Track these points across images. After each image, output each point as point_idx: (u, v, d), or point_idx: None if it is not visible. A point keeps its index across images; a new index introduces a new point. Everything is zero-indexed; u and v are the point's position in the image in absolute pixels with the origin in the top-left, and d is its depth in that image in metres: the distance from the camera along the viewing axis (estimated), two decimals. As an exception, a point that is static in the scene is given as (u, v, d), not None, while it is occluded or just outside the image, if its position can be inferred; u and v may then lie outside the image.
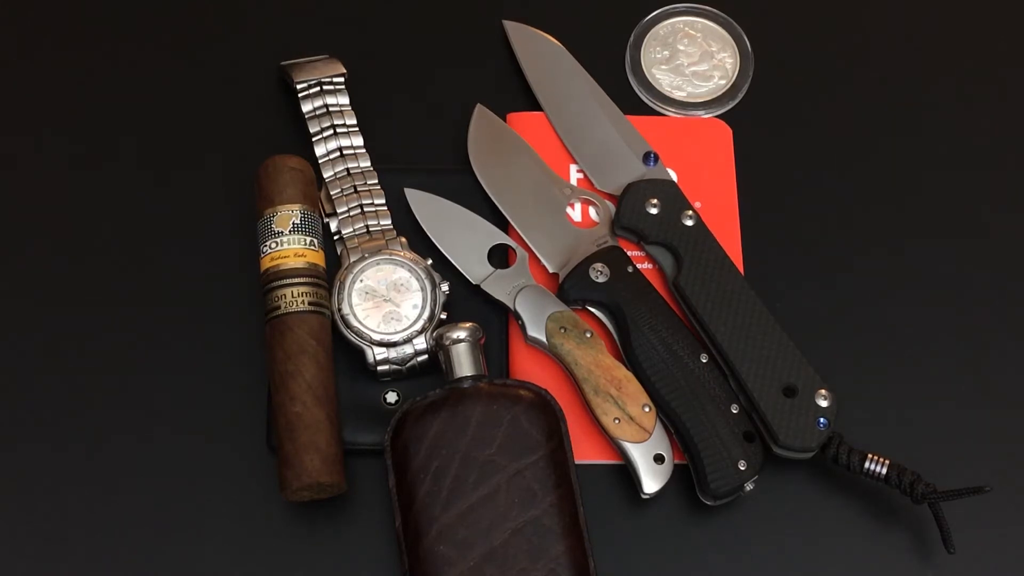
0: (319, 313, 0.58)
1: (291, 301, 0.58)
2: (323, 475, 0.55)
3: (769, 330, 0.60)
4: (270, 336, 0.58)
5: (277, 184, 0.60)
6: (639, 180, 0.63)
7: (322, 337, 0.58)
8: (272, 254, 0.59)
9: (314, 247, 0.60)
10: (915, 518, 0.58)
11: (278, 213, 0.59)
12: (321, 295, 0.59)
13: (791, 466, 0.59)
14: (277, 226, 0.59)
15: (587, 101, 0.67)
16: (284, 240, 0.59)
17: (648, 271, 0.63)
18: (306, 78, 0.64)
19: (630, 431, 0.58)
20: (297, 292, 0.58)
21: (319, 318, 0.58)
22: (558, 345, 0.59)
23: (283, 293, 0.58)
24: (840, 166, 0.67)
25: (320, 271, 0.60)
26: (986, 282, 0.65)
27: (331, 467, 0.55)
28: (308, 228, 0.60)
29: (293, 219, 0.59)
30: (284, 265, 0.59)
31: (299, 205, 0.60)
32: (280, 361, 0.57)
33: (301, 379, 0.56)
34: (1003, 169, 0.68)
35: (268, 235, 0.59)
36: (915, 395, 0.62)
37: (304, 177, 0.61)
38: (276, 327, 0.58)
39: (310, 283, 0.59)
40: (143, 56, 0.69)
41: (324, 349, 0.58)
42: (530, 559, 0.53)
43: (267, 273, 0.59)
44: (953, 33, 0.72)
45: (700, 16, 0.71)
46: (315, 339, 0.58)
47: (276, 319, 0.58)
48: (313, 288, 0.59)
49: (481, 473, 0.55)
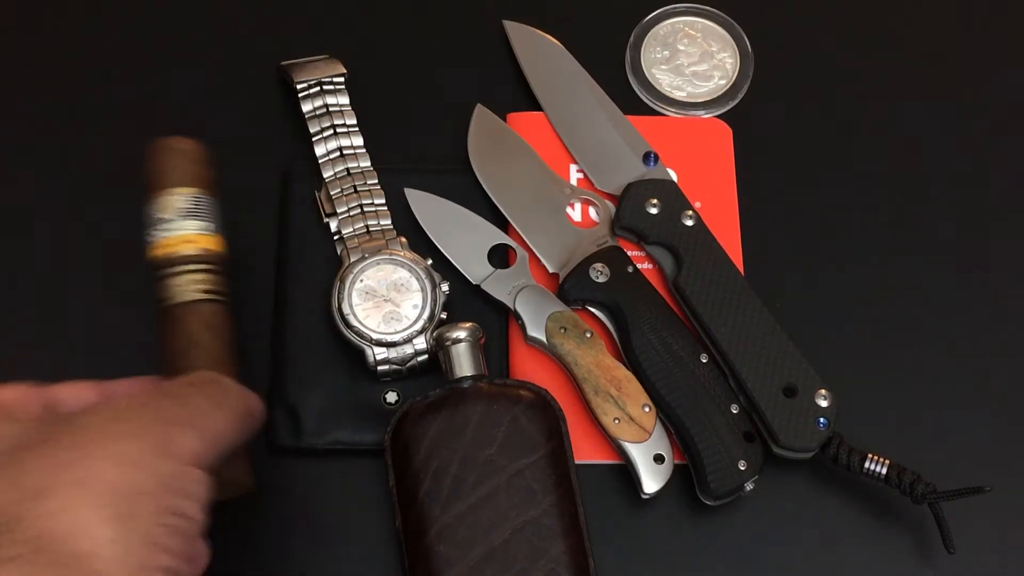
0: (213, 302, 0.54)
1: (182, 290, 0.54)
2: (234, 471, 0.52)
3: (769, 330, 0.60)
4: (160, 327, 0.54)
5: (162, 168, 0.56)
6: (639, 180, 0.63)
7: (217, 328, 0.54)
8: (160, 242, 0.55)
9: (207, 232, 0.55)
10: (915, 518, 0.59)
11: (163, 198, 0.55)
12: (217, 282, 0.55)
13: (791, 466, 0.59)
14: (162, 212, 0.55)
15: (587, 101, 0.67)
16: (171, 226, 0.55)
17: (648, 271, 0.63)
18: (306, 78, 0.64)
19: (630, 431, 0.58)
20: (186, 280, 0.54)
21: (212, 306, 0.54)
22: (558, 345, 0.59)
23: (171, 283, 0.54)
24: (840, 166, 0.67)
25: (215, 256, 0.55)
26: (986, 282, 0.65)
27: (231, 463, 0.51)
28: (198, 212, 0.55)
29: (179, 204, 0.55)
30: (172, 252, 0.54)
31: (186, 189, 0.55)
32: (171, 354, 0.53)
33: None
34: (1004, 169, 0.68)
35: (154, 221, 0.55)
36: (915, 395, 0.62)
37: (191, 158, 0.57)
38: (166, 318, 0.54)
39: (202, 270, 0.54)
40: (143, 56, 0.69)
41: (220, 340, 0.54)
42: (530, 559, 0.53)
43: (154, 262, 0.55)
44: (953, 33, 0.72)
45: (700, 16, 0.71)
46: (209, 330, 0.54)
47: (166, 309, 0.54)
48: (205, 275, 0.54)
49: (481, 473, 0.55)
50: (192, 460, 0.40)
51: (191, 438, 0.40)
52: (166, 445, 0.40)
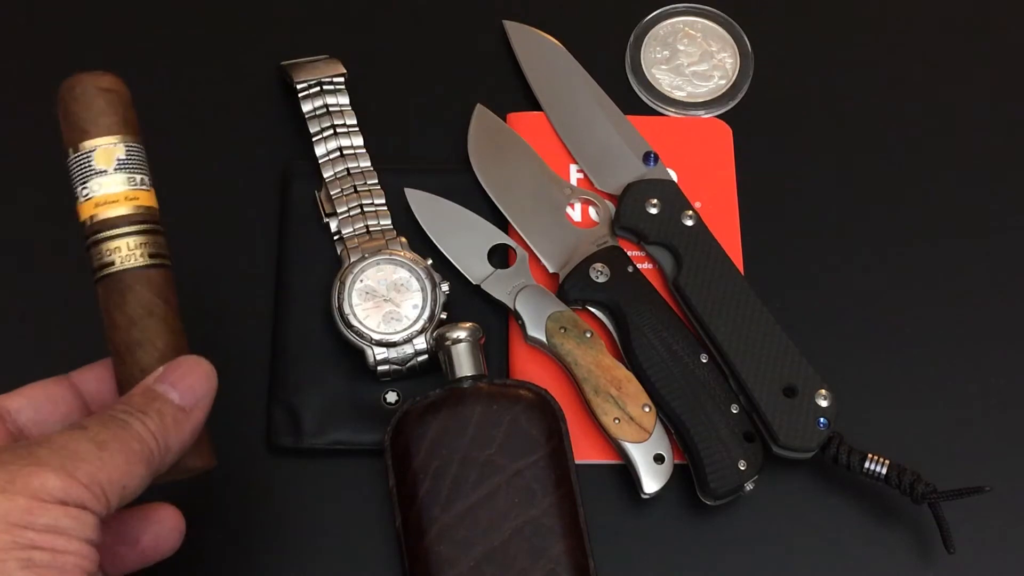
0: (162, 266, 0.49)
1: (128, 255, 0.48)
2: (189, 460, 0.48)
3: (769, 330, 0.60)
4: (104, 298, 0.49)
5: (91, 111, 0.48)
6: (639, 180, 0.63)
7: (169, 296, 0.49)
8: (96, 199, 0.48)
9: (145, 186, 0.49)
10: (915, 518, 0.58)
11: (97, 148, 0.48)
12: (160, 244, 0.49)
13: (791, 466, 0.59)
14: (98, 163, 0.48)
15: (587, 101, 0.67)
16: (108, 180, 0.48)
17: (648, 271, 0.63)
18: (306, 78, 0.64)
19: (630, 431, 0.58)
20: (134, 243, 0.48)
21: (163, 272, 0.49)
22: (558, 345, 0.59)
23: (116, 246, 0.48)
24: (840, 166, 0.67)
25: (155, 214, 0.49)
26: (986, 282, 0.65)
27: (196, 449, 0.48)
28: (135, 165, 0.49)
29: (117, 154, 0.48)
30: (113, 211, 0.48)
31: (121, 136, 0.49)
32: (122, 328, 0.48)
33: (152, 348, 0.48)
34: (1004, 169, 0.68)
35: (86, 175, 0.48)
36: (915, 395, 0.62)
37: (122, 100, 0.50)
38: (112, 287, 0.48)
39: (146, 231, 0.49)
40: (143, 56, 0.69)
41: (172, 309, 0.49)
42: (530, 559, 0.53)
43: (92, 222, 0.48)
44: (954, 32, 0.72)
45: (700, 16, 0.71)
46: (162, 298, 0.49)
47: (110, 277, 0.48)
48: (151, 236, 0.49)
49: (481, 473, 0.55)
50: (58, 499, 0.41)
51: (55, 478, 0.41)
52: (13, 483, 0.41)
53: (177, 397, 0.47)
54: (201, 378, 0.48)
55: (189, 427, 0.47)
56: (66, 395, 0.50)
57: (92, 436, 0.43)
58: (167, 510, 0.50)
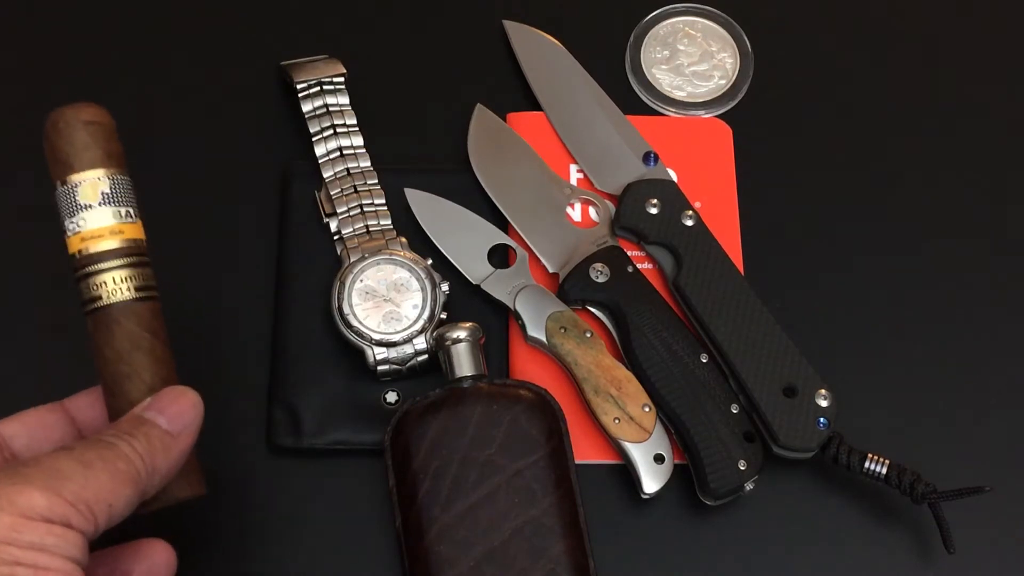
0: (148, 299, 0.50)
1: (114, 289, 0.49)
2: (178, 490, 0.49)
3: (769, 330, 0.60)
4: (94, 331, 0.50)
5: (74, 145, 0.49)
6: (639, 180, 0.63)
7: (156, 328, 0.50)
8: (82, 233, 0.49)
9: (131, 218, 0.50)
10: (915, 518, 0.58)
11: (82, 182, 0.49)
12: (147, 276, 0.50)
13: (791, 466, 0.59)
14: (83, 198, 0.49)
15: (587, 101, 0.67)
16: (94, 215, 0.49)
17: (648, 271, 0.63)
18: (306, 78, 0.64)
19: (630, 431, 0.58)
20: (120, 277, 0.49)
21: (149, 305, 0.50)
22: (558, 345, 0.59)
23: (102, 280, 0.49)
24: (840, 166, 0.67)
25: (142, 246, 0.50)
26: (986, 282, 0.65)
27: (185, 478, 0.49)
28: (121, 197, 0.50)
29: (102, 188, 0.49)
30: (99, 246, 0.49)
31: (105, 169, 0.49)
32: (111, 361, 0.49)
33: (139, 380, 0.49)
34: (1003, 168, 0.68)
35: (73, 209, 0.49)
36: (915, 395, 0.62)
37: (105, 132, 0.50)
38: (100, 321, 0.49)
39: (133, 264, 0.49)
40: (143, 56, 0.69)
41: (161, 341, 0.50)
42: (530, 559, 0.53)
43: (79, 256, 0.49)
44: (954, 32, 0.72)
45: (700, 16, 0.71)
46: (149, 331, 0.49)
47: (97, 311, 0.49)
48: (137, 270, 0.50)
49: (481, 473, 0.55)
50: (42, 516, 0.41)
51: (40, 496, 0.41)
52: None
53: (164, 423, 0.47)
54: (187, 406, 0.48)
55: (176, 451, 0.47)
56: (59, 421, 0.51)
57: (78, 456, 0.44)
58: (159, 545, 0.51)
